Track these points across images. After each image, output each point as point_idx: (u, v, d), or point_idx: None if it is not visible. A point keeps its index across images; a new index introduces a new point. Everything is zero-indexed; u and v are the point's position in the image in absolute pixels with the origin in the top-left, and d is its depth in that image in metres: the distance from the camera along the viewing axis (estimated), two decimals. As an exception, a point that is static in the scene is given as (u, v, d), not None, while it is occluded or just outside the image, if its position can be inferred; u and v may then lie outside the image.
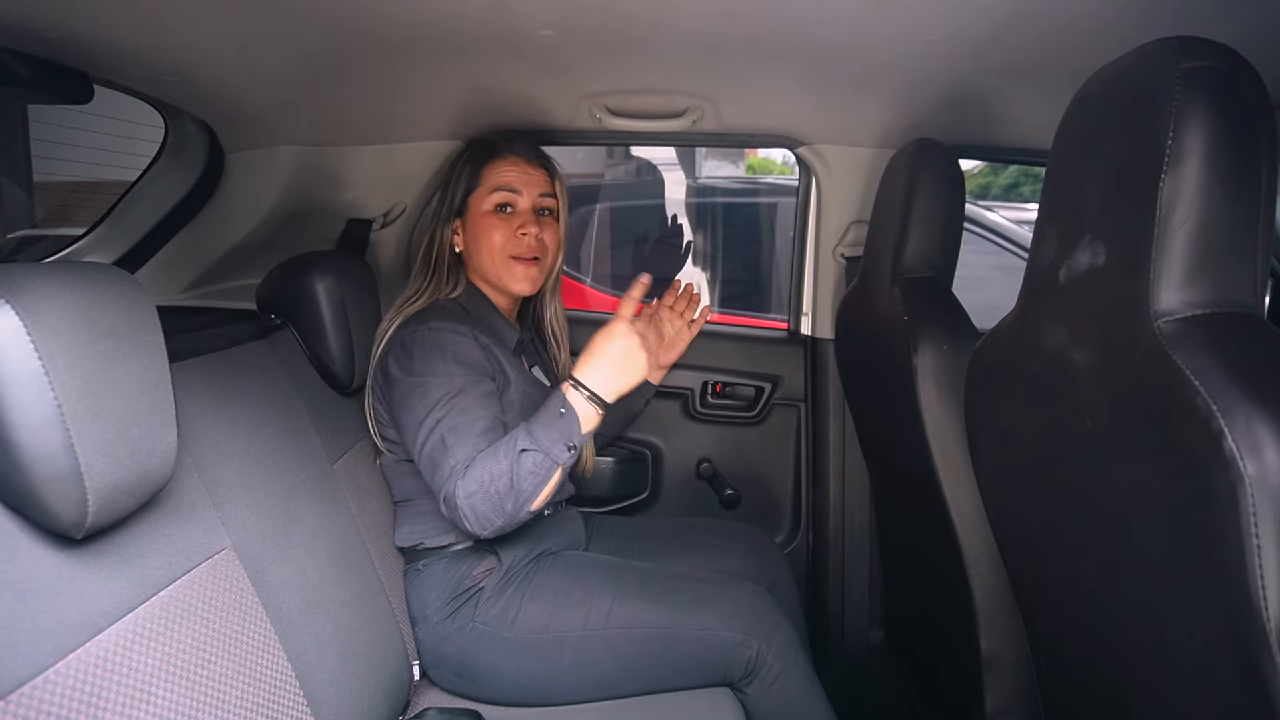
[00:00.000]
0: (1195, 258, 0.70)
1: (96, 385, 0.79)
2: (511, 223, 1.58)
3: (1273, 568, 0.61)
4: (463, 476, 1.29)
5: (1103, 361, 0.80)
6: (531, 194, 1.60)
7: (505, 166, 1.60)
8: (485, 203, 1.59)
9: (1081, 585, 0.93)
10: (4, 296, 0.73)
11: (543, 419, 1.31)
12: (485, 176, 1.60)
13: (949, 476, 1.33)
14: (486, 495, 1.28)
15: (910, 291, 1.41)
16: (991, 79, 1.43)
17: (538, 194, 1.61)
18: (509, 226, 1.58)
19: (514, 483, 1.28)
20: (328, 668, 1.17)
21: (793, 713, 1.49)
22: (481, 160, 1.61)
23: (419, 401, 1.38)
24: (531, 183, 1.60)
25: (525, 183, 1.60)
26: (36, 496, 0.76)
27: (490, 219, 1.58)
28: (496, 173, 1.59)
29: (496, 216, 1.58)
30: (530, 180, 1.60)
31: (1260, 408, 0.62)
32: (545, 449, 1.29)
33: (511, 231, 1.57)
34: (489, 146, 1.63)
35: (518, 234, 1.57)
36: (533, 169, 1.62)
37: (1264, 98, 0.71)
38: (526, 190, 1.59)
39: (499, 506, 1.28)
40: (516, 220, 1.58)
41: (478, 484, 1.28)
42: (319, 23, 1.19)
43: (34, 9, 0.97)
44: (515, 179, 1.59)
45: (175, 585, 0.93)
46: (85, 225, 1.74)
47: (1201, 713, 0.75)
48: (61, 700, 0.74)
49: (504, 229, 1.57)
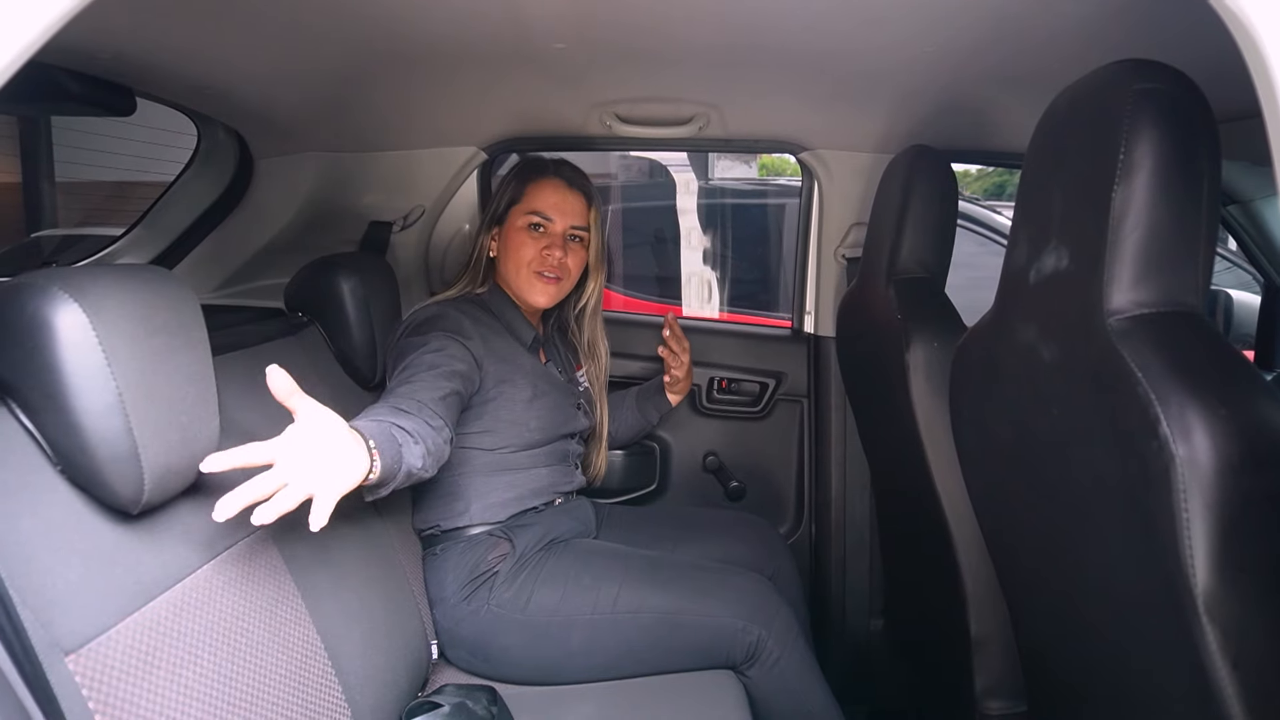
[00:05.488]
0: (1143, 262, 0.78)
1: (151, 376, 0.88)
2: (541, 242, 1.67)
3: (1200, 538, 0.68)
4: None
5: (1065, 356, 0.87)
6: (565, 221, 1.69)
7: (547, 189, 1.69)
8: (522, 219, 1.68)
9: (1051, 563, 1.00)
10: (72, 296, 0.82)
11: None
12: (529, 194, 1.69)
13: (940, 467, 1.39)
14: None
15: (904, 291, 1.48)
16: (982, 87, 1.49)
17: (571, 222, 1.69)
18: (538, 245, 1.67)
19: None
20: (354, 641, 1.25)
21: (792, 695, 1.56)
22: (527, 177, 1.71)
23: (409, 353, 1.45)
24: (567, 210, 1.69)
25: (561, 210, 1.69)
26: (100, 475, 0.84)
27: (523, 235, 1.68)
28: (538, 193, 1.69)
29: (528, 234, 1.68)
30: (566, 207, 1.69)
31: (1192, 397, 0.69)
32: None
33: (539, 250, 1.67)
34: (538, 166, 1.73)
35: (543, 254, 1.66)
36: (572, 195, 1.71)
37: (1208, 117, 0.78)
38: (560, 217, 1.68)
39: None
40: (545, 240, 1.67)
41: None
42: (344, 39, 1.27)
43: (88, 33, 1.06)
44: (553, 205, 1.68)
45: (216, 560, 1.02)
46: (103, 226, 1.83)
47: (1150, 672, 0.82)
48: (122, 657, 0.83)
49: (533, 246, 1.67)
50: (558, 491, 1.70)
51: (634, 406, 1.99)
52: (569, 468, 1.75)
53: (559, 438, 1.70)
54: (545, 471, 1.67)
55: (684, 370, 1.94)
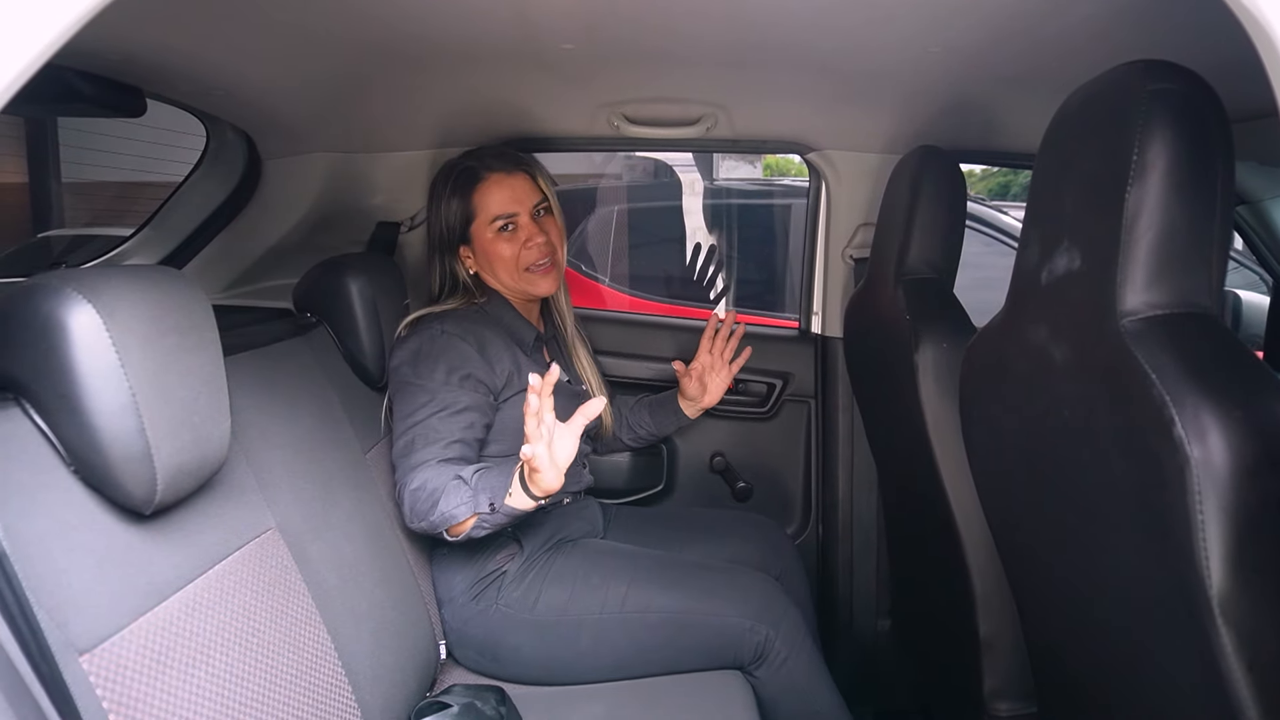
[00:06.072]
0: (1157, 263, 0.77)
1: (163, 376, 0.88)
2: (518, 238, 1.64)
3: (1215, 540, 0.68)
4: (412, 473, 1.42)
5: (1077, 357, 0.87)
6: (526, 206, 1.65)
7: (493, 189, 1.64)
8: (488, 229, 1.64)
9: (1062, 564, 1.00)
10: (86, 297, 0.82)
11: (492, 472, 1.39)
12: (478, 204, 1.64)
13: (948, 467, 1.39)
14: (417, 498, 1.39)
15: (912, 292, 1.47)
16: (990, 87, 1.49)
17: (531, 203, 1.65)
18: (516, 242, 1.64)
19: (437, 500, 1.37)
20: (363, 641, 1.25)
21: (799, 694, 1.57)
22: (468, 188, 1.64)
23: (409, 400, 1.49)
24: (521, 194, 1.65)
25: (517, 199, 1.64)
26: (113, 475, 0.85)
27: (497, 241, 1.63)
28: (488, 198, 1.63)
29: (501, 237, 1.63)
30: (519, 193, 1.64)
31: (1206, 398, 0.69)
32: (474, 490, 1.37)
33: (520, 246, 1.64)
34: (468, 174, 1.65)
35: (527, 246, 1.64)
36: (516, 179, 1.66)
37: (1222, 117, 0.78)
38: (521, 206, 1.64)
39: (424, 511, 1.39)
40: (522, 235, 1.64)
41: (418, 484, 1.40)
42: (352, 40, 1.27)
43: (99, 34, 1.06)
44: (508, 201, 1.63)
45: (228, 560, 1.02)
46: (110, 226, 1.84)
47: (1164, 675, 0.82)
48: (135, 657, 0.83)
49: (512, 246, 1.63)
50: (566, 491, 1.69)
51: (646, 414, 1.95)
52: (576, 467, 1.75)
53: None
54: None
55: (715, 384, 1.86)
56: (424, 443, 1.44)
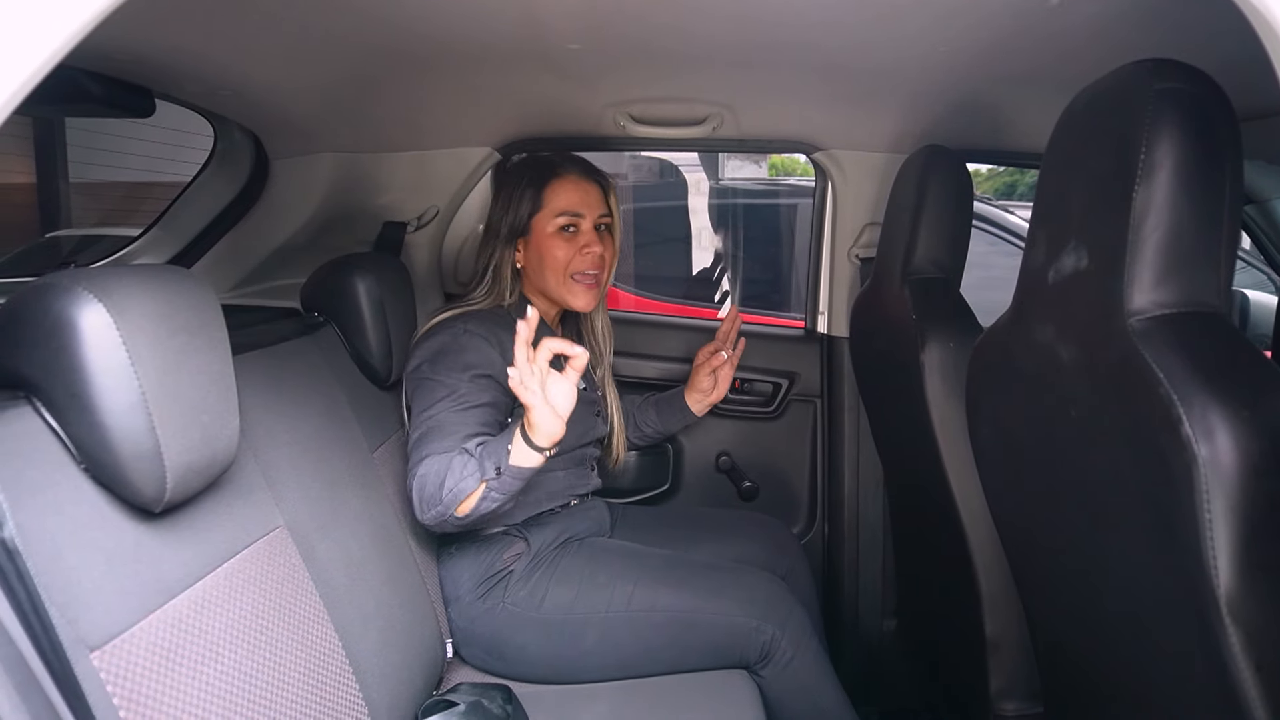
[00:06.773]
0: (1164, 262, 0.77)
1: (173, 375, 0.89)
2: (576, 242, 1.64)
3: (1222, 538, 0.68)
4: (421, 463, 1.40)
5: (1085, 356, 0.87)
6: (593, 214, 1.65)
7: (566, 188, 1.65)
8: (550, 225, 1.63)
9: (1069, 564, 1.00)
10: (97, 296, 0.82)
11: (494, 440, 1.39)
12: (548, 198, 1.64)
13: (954, 467, 1.39)
14: (425, 483, 1.38)
15: (919, 291, 1.48)
16: (996, 86, 1.49)
17: (598, 213, 1.67)
18: (574, 246, 1.64)
19: (444, 478, 1.36)
20: (370, 640, 1.26)
21: (805, 694, 1.57)
22: (541, 182, 1.65)
23: (427, 395, 1.48)
24: (592, 202, 1.66)
25: (587, 204, 1.65)
26: (123, 473, 0.85)
27: (555, 239, 1.63)
28: (559, 194, 1.64)
29: (561, 237, 1.64)
30: (590, 199, 1.66)
31: (1214, 397, 0.69)
32: (479, 459, 1.36)
33: (576, 250, 1.63)
34: (547, 167, 1.67)
35: (582, 252, 1.64)
36: (591, 185, 1.67)
37: (1230, 116, 0.78)
38: (588, 211, 1.65)
39: (433, 495, 1.37)
40: (581, 240, 1.64)
41: (424, 470, 1.39)
42: (359, 40, 1.28)
43: (109, 35, 1.07)
44: (578, 201, 1.64)
45: (236, 559, 1.03)
46: (118, 226, 1.85)
47: (1171, 674, 0.82)
48: (144, 654, 0.84)
49: (568, 249, 1.63)
50: (574, 494, 1.70)
51: (654, 413, 1.96)
52: (585, 470, 1.75)
53: (578, 446, 1.70)
54: (562, 475, 1.66)
55: (724, 377, 1.90)
56: (438, 435, 1.43)
